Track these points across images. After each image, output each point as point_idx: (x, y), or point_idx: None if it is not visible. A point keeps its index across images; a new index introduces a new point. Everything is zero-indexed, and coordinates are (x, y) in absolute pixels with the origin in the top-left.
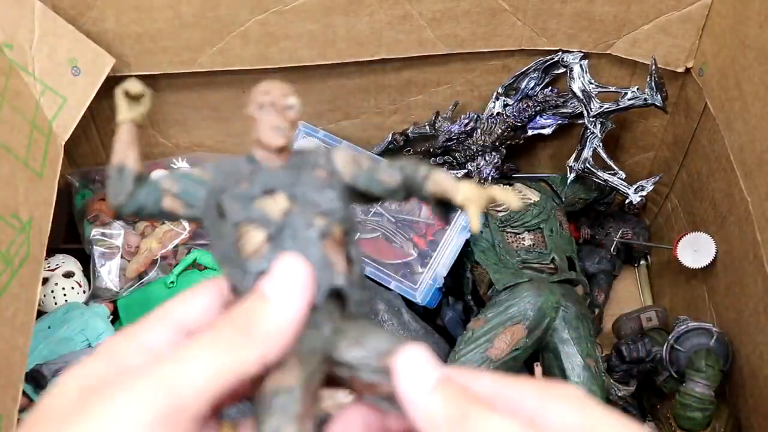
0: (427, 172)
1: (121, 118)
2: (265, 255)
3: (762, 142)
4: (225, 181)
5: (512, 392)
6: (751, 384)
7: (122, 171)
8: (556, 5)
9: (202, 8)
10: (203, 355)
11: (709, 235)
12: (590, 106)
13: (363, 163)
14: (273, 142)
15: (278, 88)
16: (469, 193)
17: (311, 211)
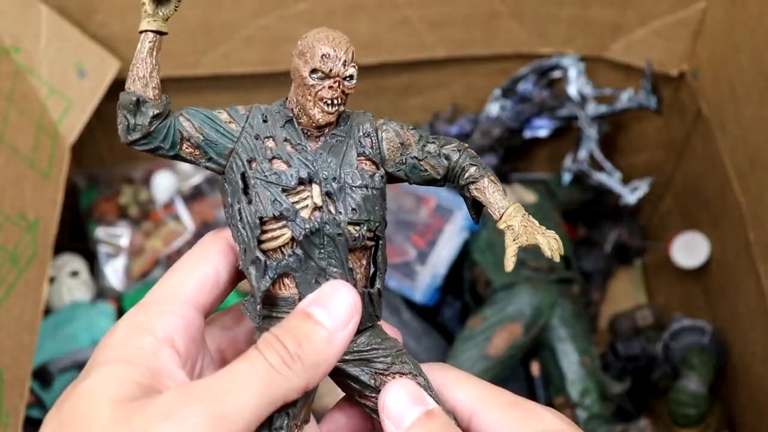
0: (477, 175)
1: (143, 25)
2: (289, 258)
3: (755, 144)
4: (255, 143)
5: (488, 417)
6: (744, 381)
7: (140, 104)
8: (552, 10)
9: (206, 12)
10: (252, 385)
11: (702, 235)
12: (586, 109)
13: (410, 149)
14: (322, 119)
15: (341, 51)
16: (514, 224)
17: (347, 215)
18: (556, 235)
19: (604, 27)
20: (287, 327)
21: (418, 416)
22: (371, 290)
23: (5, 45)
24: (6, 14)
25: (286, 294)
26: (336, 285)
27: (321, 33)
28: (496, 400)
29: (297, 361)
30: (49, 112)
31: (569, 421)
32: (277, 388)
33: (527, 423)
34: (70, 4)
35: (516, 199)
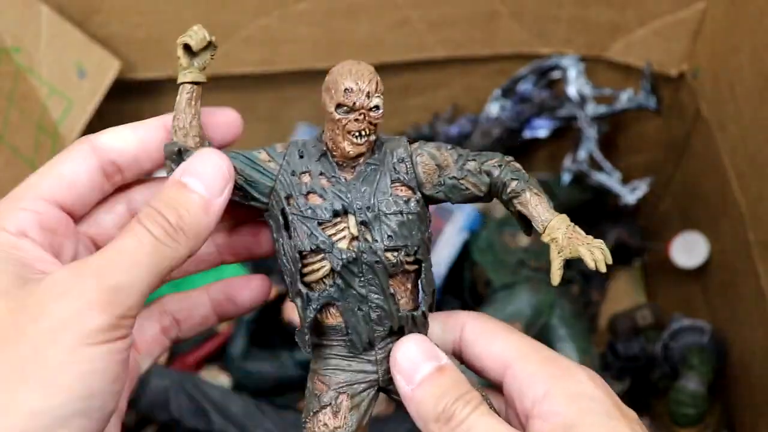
0: (519, 189)
1: (180, 78)
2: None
3: (754, 144)
4: (292, 179)
5: (523, 370)
6: (744, 381)
7: (182, 154)
8: (552, 10)
9: (206, 12)
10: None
11: (702, 235)
12: (585, 109)
13: (448, 170)
14: (352, 151)
15: (364, 83)
16: (558, 236)
17: (383, 242)
18: (602, 244)
19: (604, 27)
20: (165, 200)
21: (430, 371)
22: (415, 313)
23: (6, 45)
24: (6, 14)
25: (333, 323)
26: (206, 151)
27: (344, 67)
28: (532, 354)
29: (180, 232)
30: (49, 112)
31: (602, 383)
32: (165, 260)
33: (561, 382)
34: (71, 4)
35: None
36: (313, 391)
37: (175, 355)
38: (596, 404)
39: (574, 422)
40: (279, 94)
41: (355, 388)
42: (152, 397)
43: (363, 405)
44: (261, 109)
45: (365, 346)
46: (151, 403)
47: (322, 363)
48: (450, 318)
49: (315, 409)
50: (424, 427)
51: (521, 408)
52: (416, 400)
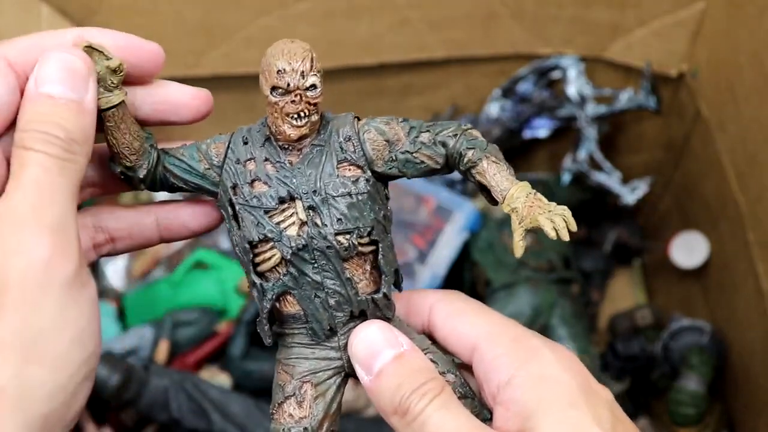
0: (475, 158)
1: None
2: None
3: (754, 144)
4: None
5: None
6: (743, 381)
7: (126, 174)
8: (552, 10)
9: (206, 13)
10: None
11: (701, 235)
12: (585, 109)
13: (399, 144)
14: (293, 134)
15: (297, 62)
16: (518, 206)
17: (332, 226)
18: (564, 211)
19: (604, 27)
20: (40, 117)
21: (388, 360)
22: (375, 296)
23: None
24: (6, 14)
25: (292, 311)
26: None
27: (276, 47)
28: (498, 334)
29: (73, 143)
30: None
31: (570, 363)
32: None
33: (525, 365)
34: (71, 4)
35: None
36: (278, 382)
37: (175, 355)
38: (559, 390)
39: (533, 411)
40: None
41: (319, 376)
42: (152, 397)
43: (329, 393)
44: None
45: (327, 334)
46: (151, 403)
47: (285, 352)
48: (417, 298)
49: (280, 400)
50: (387, 420)
51: (489, 392)
52: (375, 391)
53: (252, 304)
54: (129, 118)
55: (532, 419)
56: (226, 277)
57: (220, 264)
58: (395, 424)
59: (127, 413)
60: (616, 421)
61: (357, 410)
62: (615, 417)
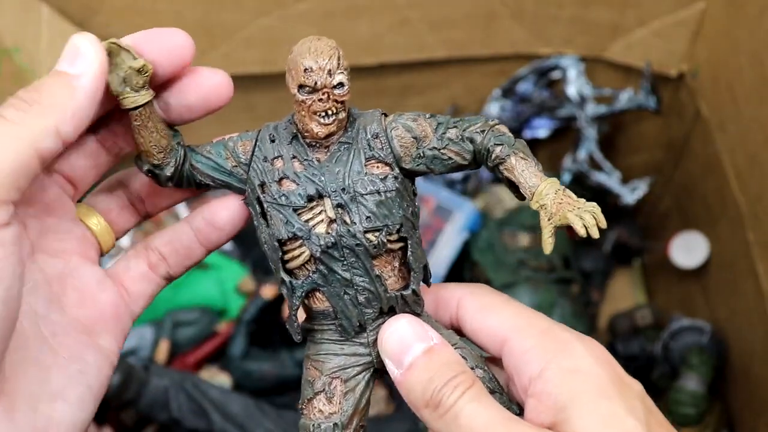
0: (503, 155)
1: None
2: (314, 274)
3: (753, 144)
4: (264, 166)
5: (519, 346)
6: (743, 380)
7: (153, 171)
8: (552, 10)
9: (206, 13)
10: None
11: (701, 235)
12: (585, 109)
13: (427, 140)
14: (321, 132)
15: (324, 60)
16: (546, 203)
17: (361, 224)
18: (594, 208)
19: (604, 27)
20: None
21: (418, 354)
22: (404, 292)
23: (6, 45)
24: (7, 14)
25: (321, 308)
26: (73, 38)
27: (303, 45)
28: (528, 327)
29: (34, 104)
30: None
31: (602, 355)
32: (21, 140)
33: (556, 358)
34: (71, 4)
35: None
36: (307, 378)
37: (175, 355)
38: (591, 382)
39: (566, 404)
40: (279, 94)
41: (348, 372)
42: (152, 396)
43: (359, 388)
44: (261, 109)
45: (356, 330)
46: (151, 403)
47: (314, 348)
48: (445, 293)
49: (309, 396)
50: (417, 413)
51: (520, 385)
52: (405, 385)
53: (252, 304)
54: (156, 117)
55: (565, 411)
56: (226, 277)
57: (220, 264)
58: (426, 418)
59: (127, 413)
60: (648, 412)
61: None
62: (647, 408)
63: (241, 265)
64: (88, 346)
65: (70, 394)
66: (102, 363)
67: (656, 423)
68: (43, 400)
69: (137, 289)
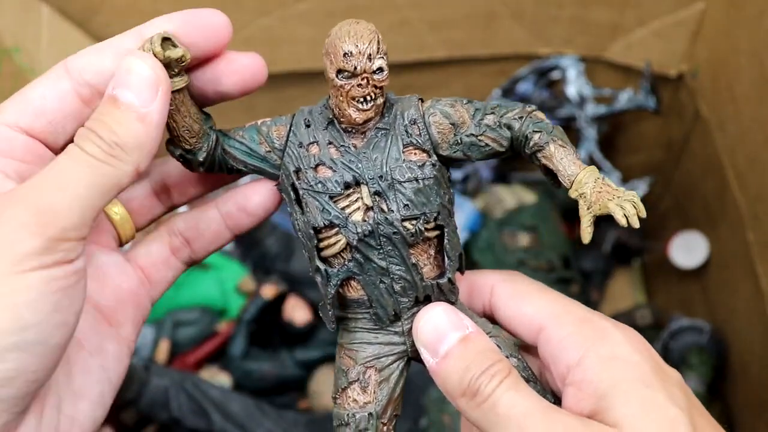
0: (542, 142)
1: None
2: (349, 263)
3: (753, 144)
4: (299, 152)
5: (556, 334)
6: (743, 380)
7: (184, 157)
8: (552, 10)
9: None
10: (78, 177)
11: (701, 235)
12: (585, 109)
13: (464, 127)
14: (359, 118)
15: (365, 44)
16: (586, 191)
17: (399, 212)
18: (634, 197)
19: (604, 27)
20: (97, 116)
21: (454, 343)
22: (440, 281)
23: (6, 45)
24: (7, 14)
25: (356, 296)
26: (129, 60)
27: (342, 28)
28: (564, 315)
29: (116, 148)
30: None
31: (640, 343)
32: (104, 177)
33: (595, 346)
34: (72, 4)
35: (516, 200)
36: (341, 367)
37: (175, 354)
38: (631, 370)
39: (607, 392)
40: (279, 95)
41: (383, 361)
42: (152, 396)
43: (393, 377)
44: (261, 109)
45: (391, 319)
46: (151, 403)
47: (348, 337)
48: (479, 280)
49: (343, 385)
50: (454, 402)
51: (557, 374)
52: (441, 374)
53: (252, 304)
54: (188, 101)
55: (605, 399)
56: (226, 277)
57: (221, 264)
58: (463, 406)
59: (128, 413)
60: (689, 401)
61: None
62: (688, 397)
63: (241, 265)
64: (108, 336)
65: (92, 391)
66: (121, 352)
67: (697, 412)
68: (67, 400)
69: (158, 274)
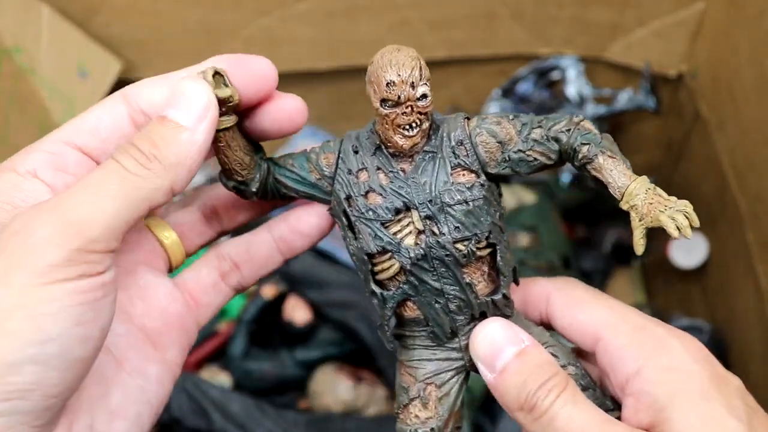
0: (591, 154)
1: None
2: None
3: (753, 145)
4: (349, 179)
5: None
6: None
7: (238, 188)
8: (552, 10)
9: (207, 13)
10: (109, 189)
11: (701, 235)
12: (585, 110)
13: (511, 143)
14: (405, 145)
15: (407, 73)
16: (637, 203)
17: (450, 234)
18: (686, 206)
19: (604, 27)
20: (142, 132)
21: (511, 358)
22: (495, 297)
23: (7, 45)
24: (7, 14)
25: (413, 315)
26: (182, 83)
27: (384, 57)
28: (621, 324)
29: (154, 161)
30: (50, 113)
31: (699, 352)
32: (137, 191)
33: (653, 356)
34: (72, 4)
35: (516, 200)
36: (401, 384)
37: None
38: (690, 381)
39: (665, 404)
40: None
41: (442, 377)
42: None
43: (453, 391)
44: None
45: (448, 336)
46: None
47: (407, 354)
48: (534, 289)
49: (405, 402)
50: (512, 416)
51: (616, 382)
52: (499, 389)
53: (252, 304)
54: (238, 137)
55: (664, 412)
56: None
57: None
58: (522, 420)
59: None
60: (750, 410)
61: (357, 410)
62: (748, 406)
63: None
64: (152, 358)
65: (129, 411)
66: (164, 376)
67: (759, 422)
68: (100, 418)
69: (206, 299)
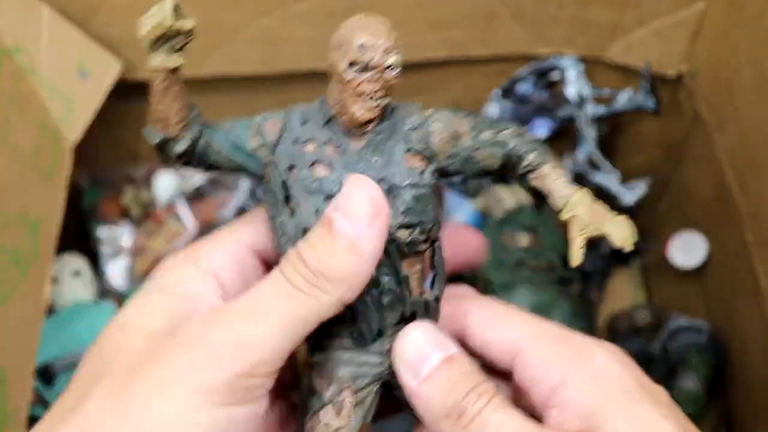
0: (535, 162)
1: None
2: None
3: (753, 145)
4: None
5: (535, 356)
6: (742, 381)
7: (163, 145)
8: (552, 10)
9: (206, 13)
10: (277, 308)
11: (700, 235)
12: (584, 110)
13: (462, 139)
14: (363, 116)
15: (382, 37)
16: (580, 213)
17: (396, 218)
18: (626, 221)
19: (603, 27)
20: (310, 240)
21: (437, 363)
22: (428, 298)
23: (6, 45)
24: (7, 14)
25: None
26: (353, 182)
27: (357, 21)
28: (541, 336)
29: (321, 278)
30: (50, 113)
31: (623, 359)
32: (306, 308)
33: (578, 365)
34: (72, 4)
35: (516, 200)
36: (314, 387)
37: None
38: (620, 387)
39: (595, 410)
40: (279, 95)
41: (359, 383)
42: None
43: (368, 400)
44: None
45: (374, 336)
46: None
47: (322, 356)
48: (452, 305)
49: (315, 408)
50: (435, 425)
51: (537, 397)
52: (423, 395)
53: None
54: (180, 83)
55: (595, 418)
56: None
57: None
58: (446, 429)
59: None
60: (679, 417)
61: None
62: (677, 414)
63: None
64: None
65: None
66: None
67: (690, 428)
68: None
69: None
